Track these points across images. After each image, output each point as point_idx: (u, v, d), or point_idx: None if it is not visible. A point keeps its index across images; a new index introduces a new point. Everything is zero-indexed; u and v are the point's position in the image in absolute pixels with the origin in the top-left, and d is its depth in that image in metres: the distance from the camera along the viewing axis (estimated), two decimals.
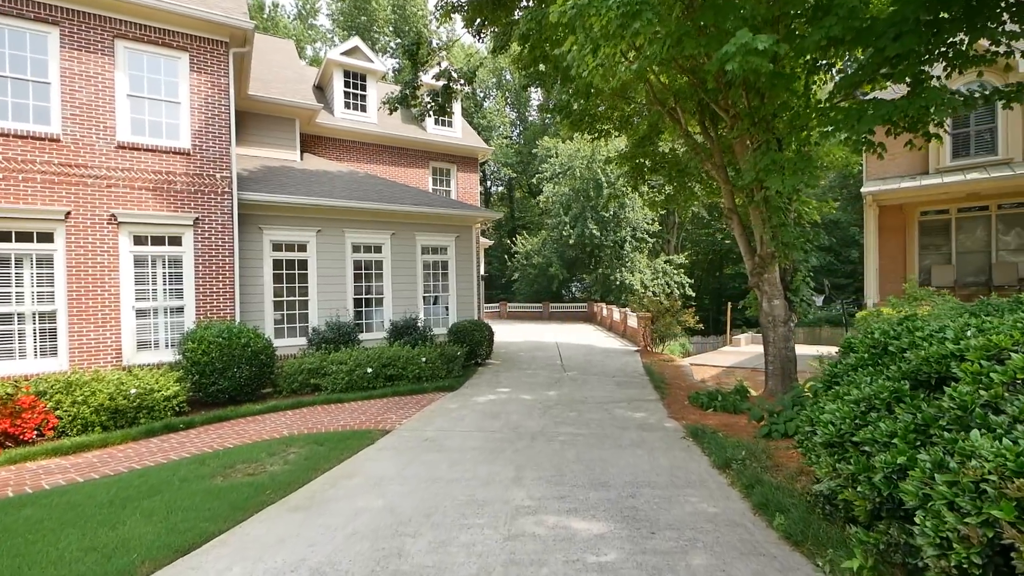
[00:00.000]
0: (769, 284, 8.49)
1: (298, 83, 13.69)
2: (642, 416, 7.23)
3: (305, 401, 7.95)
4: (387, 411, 7.61)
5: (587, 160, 27.58)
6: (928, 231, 13.25)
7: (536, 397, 8.62)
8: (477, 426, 6.67)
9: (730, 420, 6.72)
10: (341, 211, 10.80)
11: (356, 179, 12.77)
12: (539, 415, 7.29)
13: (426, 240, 12.16)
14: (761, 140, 6.52)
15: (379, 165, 15.31)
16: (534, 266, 31.32)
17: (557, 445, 5.68)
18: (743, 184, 7.66)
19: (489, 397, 8.62)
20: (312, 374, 8.79)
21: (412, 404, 8.11)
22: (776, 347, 8.48)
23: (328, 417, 7.25)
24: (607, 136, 13.25)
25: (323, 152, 14.39)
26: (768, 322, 8.56)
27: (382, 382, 9.13)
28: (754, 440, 5.23)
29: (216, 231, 8.90)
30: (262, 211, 9.96)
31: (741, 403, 7.29)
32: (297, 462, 5.16)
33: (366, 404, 8.10)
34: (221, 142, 8.96)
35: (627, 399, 8.52)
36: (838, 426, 2.90)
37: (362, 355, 9.13)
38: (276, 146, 12.69)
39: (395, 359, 9.36)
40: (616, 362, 13.05)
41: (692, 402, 7.84)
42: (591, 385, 9.78)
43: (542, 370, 11.54)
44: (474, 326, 11.60)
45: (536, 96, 45.70)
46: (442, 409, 7.73)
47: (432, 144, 16.10)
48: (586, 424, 6.70)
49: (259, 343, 8.04)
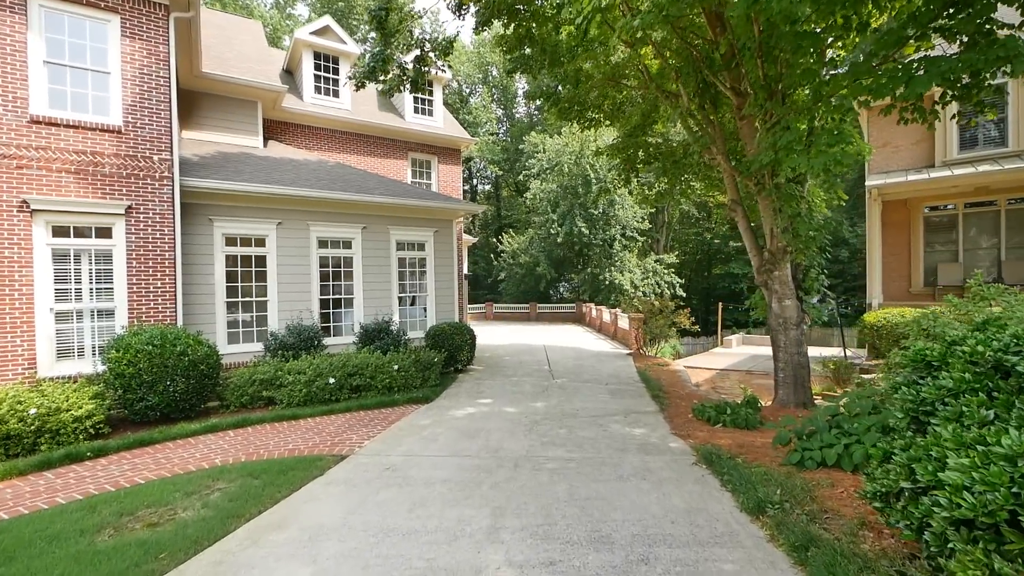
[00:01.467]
0: (780, 283, 7.63)
1: (262, 64, 12.53)
2: (642, 433, 6.29)
3: (253, 418, 6.85)
4: (348, 429, 6.55)
5: (575, 156, 26.69)
6: (934, 227, 12.57)
7: (521, 410, 7.63)
8: (451, 448, 5.65)
9: (744, 439, 5.81)
10: (305, 201, 9.70)
11: (325, 168, 11.66)
12: (524, 433, 6.31)
13: (401, 235, 11.10)
14: (780, 115, 5.63)
15: (353, 155, 14.20)
16: (521, 265, 30.35)
17: (545, 476, 4.69)
18: (754, 169, 6.77)
19: (468, 410, 7.61)
20: (265, 385, 7.68)
21: (379, 420, 7.06)
22: (787, 352, 7.62)
23: (277, 438, 6.17)
24: (597, 125, 12.37)
25: (291, 140, 13.24)
26: (778, 325, 7.69)
27: (347, 394, 8.06)
28: (783, 470, 4.31)
29: (154, 222, 7.75)
30: (213, 200, 8.82)
31: (753, 417, 6.40)
32: (219, 504, 4.09)
33: (325, 421, 7.03)
34: (160, 119, 7.82)
35: (623, 411, 7.58)
36: (984, 498, 1.89)
37: (324, 363, 8.05)
38: (235, 131, 11.51)
39: (362, 367, 8.30)
40: (608, 367, 12.13)
41: (697, 415, 6.93)
42: (582, 394, 8.83)
43: (528, 377, 10.56)
44: (454, 329, 10.58)
45: (522, 86, 44.74)
46: (413, 426, 6.70)
47: (411, 133, 15.02)
48: (579, 445, 5.73)
49: (199, 351, 6.92)
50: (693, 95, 8.01)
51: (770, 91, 6.09)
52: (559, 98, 11.73)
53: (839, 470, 4.05)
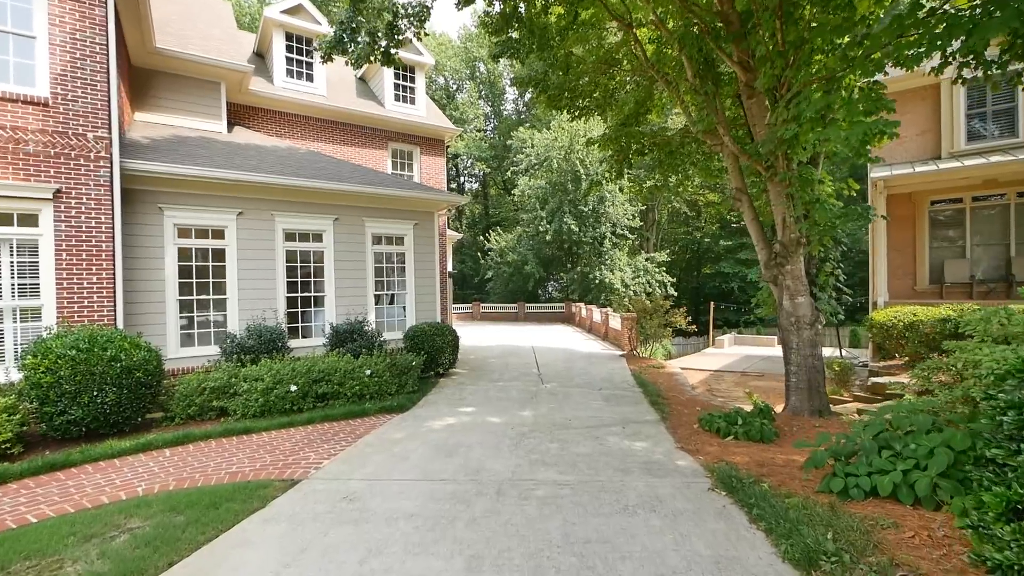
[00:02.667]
0: (792, 278, 6.92)
1: (227, 43, 11.55)
2: (644, 448, 5.52)
3: (197, 433, 5.93)
4: (307, 445, 5.68)
5: (565, 151, 25.95)
6: (939, 222, 12.02)
7: (507, 420, 6.82)
8: (424, 470, 4.82)
9: (762, 455, 5.07)
10: (269, 189, 8.79)
11: (295, 156, 10.73)
12: (510, 449, 5.49)
13: (378, 228, 10.22)
14: (802, 83, 4.90)
15: (329, 144, 13.27)
16: (509, 264, 29.53)
17: (534, 507, 3.89)
18: (766, 150, 6.05)
19: (447, 421, 6.77)
20: (216, 394, 6.77)
21: (345, 433, 6.20)
22: (800, 355, 6.91)
23: (221, 458, 5.27)
24: (588, 114, 11.64)
25: (260, 126, 12.28)
26: (790, 324, 6.98)
27: (311, 403, 7.18)
28: (823, 500, 3.55)
29: (89, 208, 6.80)
30: (163, 186, 7.88)
31: (769, 429, 5.66)
32: (121, 554, 3.22)
33: (283, 435, 6.14)
34: (95, 92, 6.86)
35: (620, 420, 6.81)
36: None
37: (286, 368, 7.16)
38: (195, 113, 10.53)
39: (330, 373, 7.42)
40: (600, 369, 11.38)
41: (704, 426, 6.18)
42: (574, 401, 8.05)
43: (515, 381, 9.76)
44: (435, 330, 9.73)
45: (511, 86, 43.91)
46: (383, 441, 5.85)
47: (391, 122, 14.13)
48: (572, 464, 4.94)
49: (136, 356, 5.99)
50: (697, 70, 7.27)
51: (787, 60, 5.37)
52: (548, 84, 10.97)
53: (895, 502, 3.31)
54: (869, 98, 4.24)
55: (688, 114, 8.75)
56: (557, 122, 26.93)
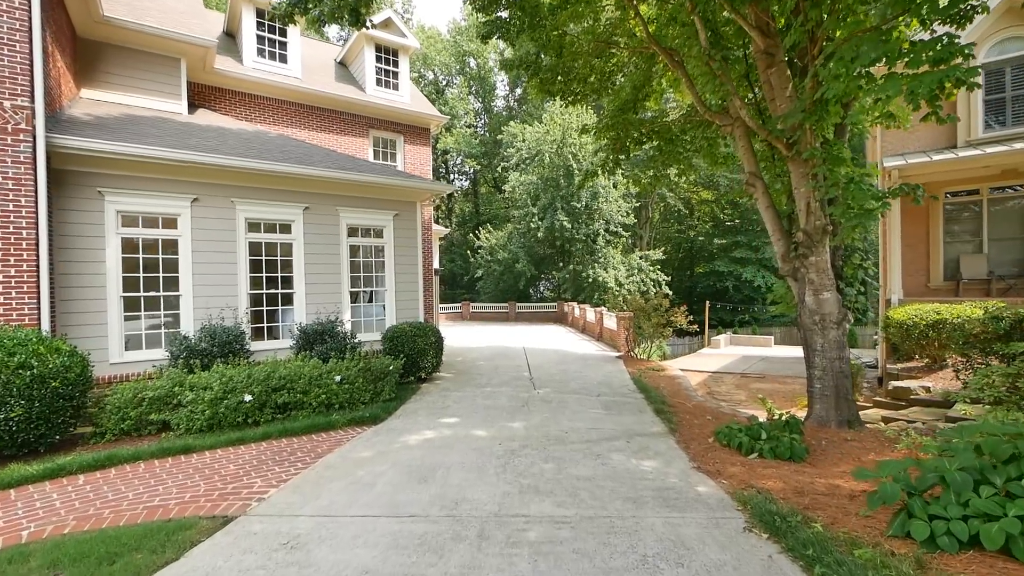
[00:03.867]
0: (816, 271, 6.13)
1: (191, 17, 10.55)
2: (655, 468, 4.68)
3: (123, 455, 4.98)
4: (255, 468, 4.76)
5: (557, 144, 25.13)
6: (954, 216, 11.35)
7: (495, 433, 5.95)
8: (390, 502, 3.93)
9: (797, 478, 4.25)
10: (228, 173, 7.84)
11: (262, 139, 9.78)
12: (497, 471, 4.63)
13: (354, 218, 9.30)
14: (849, 33, 4.09)
15: (305, 130, 12.31)
16: (499, 262, 28.64)
17: (525, 560, 3.02)
18: (791, 123, 5.25)
19: (426, 435, 5.89)
20: (157, 406, 5.82)
21: (305, 451, 5.29)
22: (826, 358, 6.12)
23: (145, 486, 4.34)
24: (583, 100, 10.86)
25: (229, 109, 11.29)
26: (814, 323, 6.19)
27: (270, 414, 6.25)
28: (902, 550, 2.73)
29: (5, 190, 5.82)
30: (103, 167, 6.91)
31: (800, 446, 4.84)
32: None
33: (230, 454, 5.22)
34: (12, 55, 5.88)
35: (624, 432, 5.97)
36: None
37: (240, 375, 6.22)
38: (152, 92, 9.53)
39: (292, 379, 6.50)
40: (597, 373, 10.55)
41: (721, 440, 5.35)
42: (571, 409, 7.20)
43: (505, 387, 8.89)
44: (416, 330, 8.83)
45: (500, 70, 43.01)
46: (347, 461, 4.95)
47: (373, 108, 13.19)
48: (572, 493, 4.08)
49: (53, 362, 5.03)
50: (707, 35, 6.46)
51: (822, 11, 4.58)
52: (540, 67, 10.15)
53: (1010, 559, 2.50)
54: (937, 44, 3.44)
55: (694, 92, 7.96)
56: (549, 115, 26.11)
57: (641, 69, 10.38)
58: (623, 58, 10.60)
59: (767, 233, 7.08)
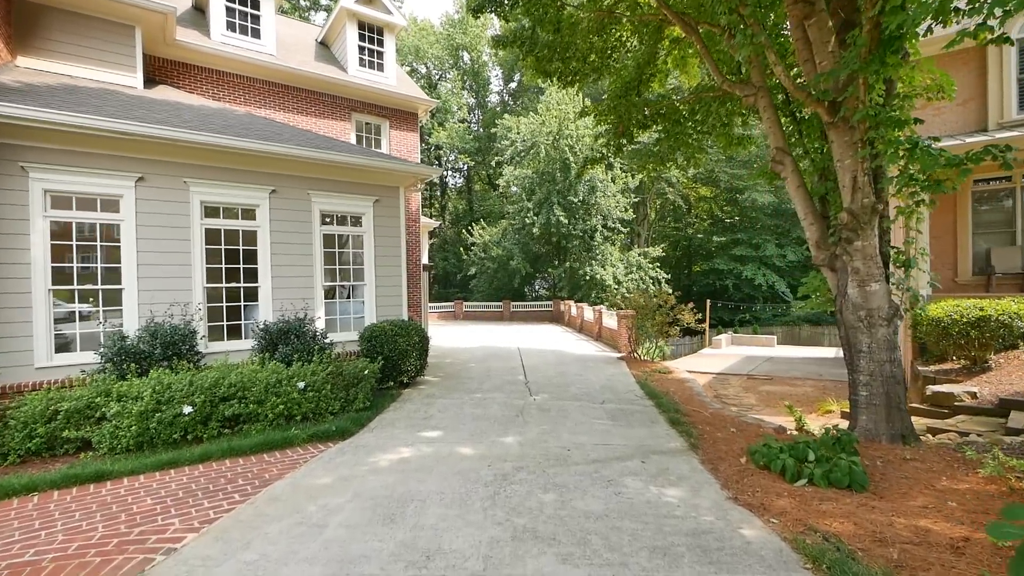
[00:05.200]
0: (863, 258, 5.20)
1: None
2: (682, 500, 3.73)
3: (13, 485, 3.96)
4: (179, 503, 3.77)
5: (553, 136, 24.18)
6: (984, 205, 10.51)
7: (484, 451, 4.98)
8: (339, 557, 2.96)
9: (869, 516, 3.31)
10: (181, 149, 6.83)
11: (226, 115, 8.75)
12: (484, 506, 3.66)
13: (328, 204, 8.30)
14: None
15: (280, 112, 11.29)
16: (493, 259, 27.64)
17: None
18: (845, 73, 4.32)
19: (401, 453, 4.91)
20: (74, 420, 4.81)
21: (249, 477, 4.30)
22: (874, 360, 5.19)
23: (22, 532, 3.34)
24: (582, 80, 9.97)
25: (195, 87, 10.25)
26: (858, 320, 5.26)
27: (216, 429, 5.25)
28: None
29: None
30: (26, 138, 5.89)
31: (859, 472, 3.91)
32: None
33: (154, 481, 4.21)
34: None
35: (637, 450, 5.02)
36: None
37: (181, 382, 5.22)
38: (101, 63, 8.49)
39: (245, 387, 5.50)
40: (598, 376, 9.61)
41: (757, 461, 4.41)
42: (572, 420, 6.24)
43: (497, 392, 7.92)
44: (398, 329, 7.84)
45: (492, 48, 42.14)
46: (298, 491, 3.97)
47: (355, 89, 12.18)
48: (582, 540, 3.12)
49: None
50: None
51: None
52: (536, 43, 9.24)
53: None
54: None
55: (711, 61, 7.06)
56: (544, 104, 25.15)
57: (647, 43, 9.50)
58: (626, 32, 9.71)
59: (768, 230, 6.28)
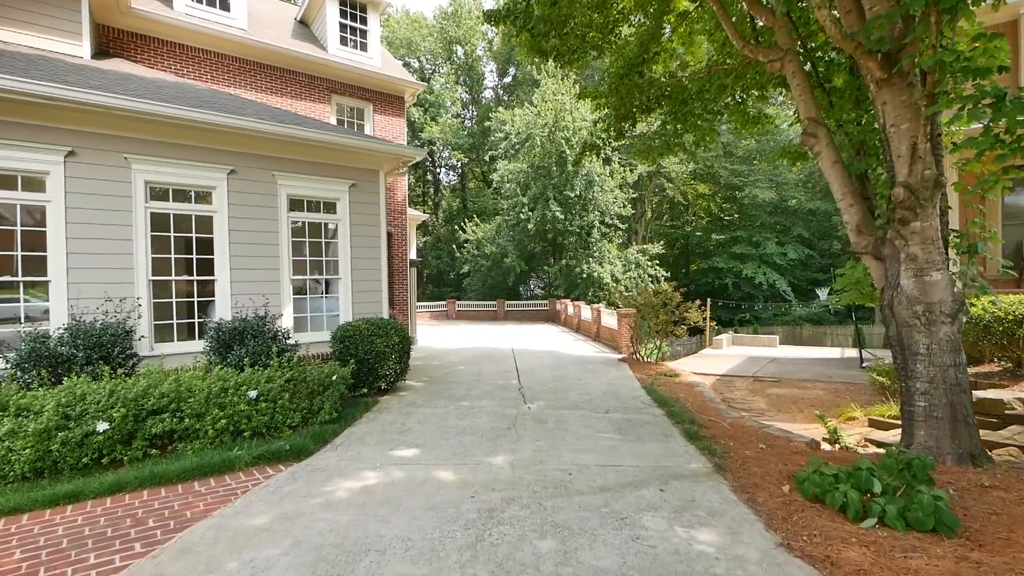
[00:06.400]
0: (922, 242, 4.34)
1: None
2: (719, 549, 2.85)
3: None
4: (56, 560, 2.85)
5: (549, 129, 23.29)
6: (1015, 192, 9.73)
7: (466, 476, 4.08)
8: None
9: (968, 573, 2.45)
10: (121, 120, 5.90)
11: (183, 88, 7.80)
12: (461, 560, 2.76)
13: (297, 188, 7.37)
14: None
15: (252, 91, 10.34)
16: (487, 256, 26.70)
17: None
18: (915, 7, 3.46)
19: (365, 480, 4.00)
20: None
21: (164, 517, 3.38)
22: (935, 365, 4.33)
23: None
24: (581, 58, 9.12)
25: (156, 61, 9.29)
26: (915, 316, 4.40)
27: (141, 449, 4.31)
28: None
29: None
30: None
31: (947, 511, 3.04)
32: None
33: (36, 524, 3.28)
34: None
35: (653, 473, 4.13)
36: None
37: (98, 392, 4.28)
38: (43, 28, 7.52)
39: (179, 398, 4.56)
40: (600, 380, 8.72)
41: (805, 492, 3.53)
42: (573, 433, 5.35)
43: (488, 399, 7.01)
44: (374, 329, 6.91)
45: (484, 24, 41.23)
46: (220, 539, 3.05)
47: (335, 69, 11.25)
48: None
49: None
50: None
51: None
52: (531, 16, 8.37)
53: None
54: None
55: (729, 24, 6.22)
56: (540, 95, 24.26)
57: (652, 16, 8.69)
58: (629, 3, 8.86)
59: (768, 228, 5.48)
